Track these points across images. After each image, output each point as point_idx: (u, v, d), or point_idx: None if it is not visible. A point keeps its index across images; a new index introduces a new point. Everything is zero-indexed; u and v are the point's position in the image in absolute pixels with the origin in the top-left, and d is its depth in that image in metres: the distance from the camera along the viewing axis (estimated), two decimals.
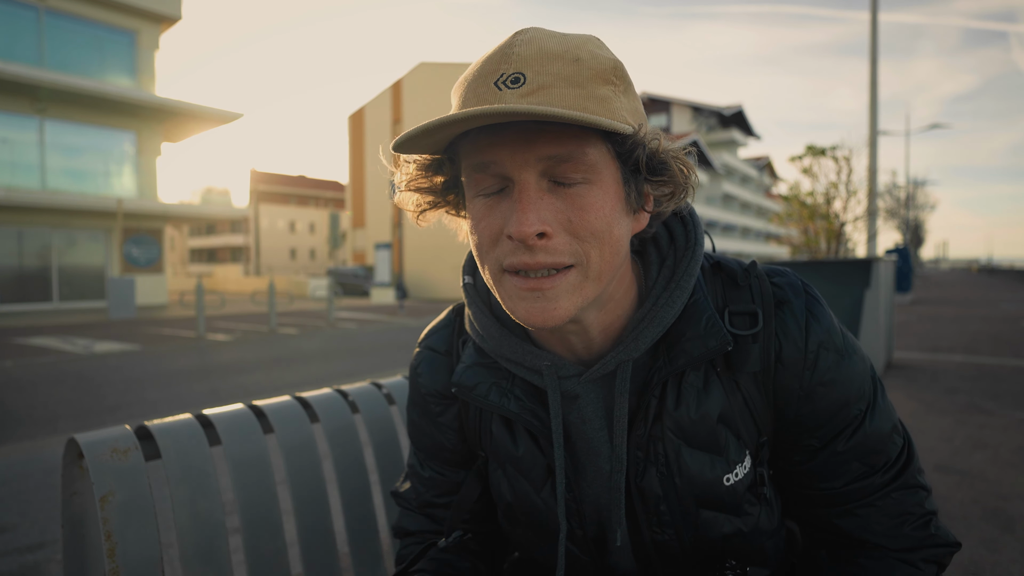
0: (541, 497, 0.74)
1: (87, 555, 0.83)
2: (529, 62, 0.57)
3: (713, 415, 0.67)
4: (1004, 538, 2.31)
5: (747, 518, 0.70)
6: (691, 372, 0.67)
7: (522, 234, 0.56)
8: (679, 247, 0.70)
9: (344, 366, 7.33)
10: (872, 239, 11.88)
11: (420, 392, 0.83)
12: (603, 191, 0.59)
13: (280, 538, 0.93)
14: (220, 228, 53.60)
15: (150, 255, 17.47)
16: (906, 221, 38.35)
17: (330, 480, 1.04)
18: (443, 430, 0.82)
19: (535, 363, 0.69)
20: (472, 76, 0.60)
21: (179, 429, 0.89)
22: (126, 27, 17.03)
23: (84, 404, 5.14)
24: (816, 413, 0.68)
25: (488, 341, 0.72)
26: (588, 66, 0.58)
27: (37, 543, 2.43)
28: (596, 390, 0.70)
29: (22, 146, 15.59)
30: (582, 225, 0.58)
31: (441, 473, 0.84)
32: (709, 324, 0.65)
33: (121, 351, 8.34)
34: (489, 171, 0.59)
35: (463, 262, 0.80)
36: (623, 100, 0.60)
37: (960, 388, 5.03)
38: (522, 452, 0.74)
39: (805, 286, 0.70)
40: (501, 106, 0.52)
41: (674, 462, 0.67)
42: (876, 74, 11.96)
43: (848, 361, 0.68)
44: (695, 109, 52.23)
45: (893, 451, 0.69)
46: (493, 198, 0.60)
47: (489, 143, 0.58)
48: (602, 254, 0.59)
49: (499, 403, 0.72)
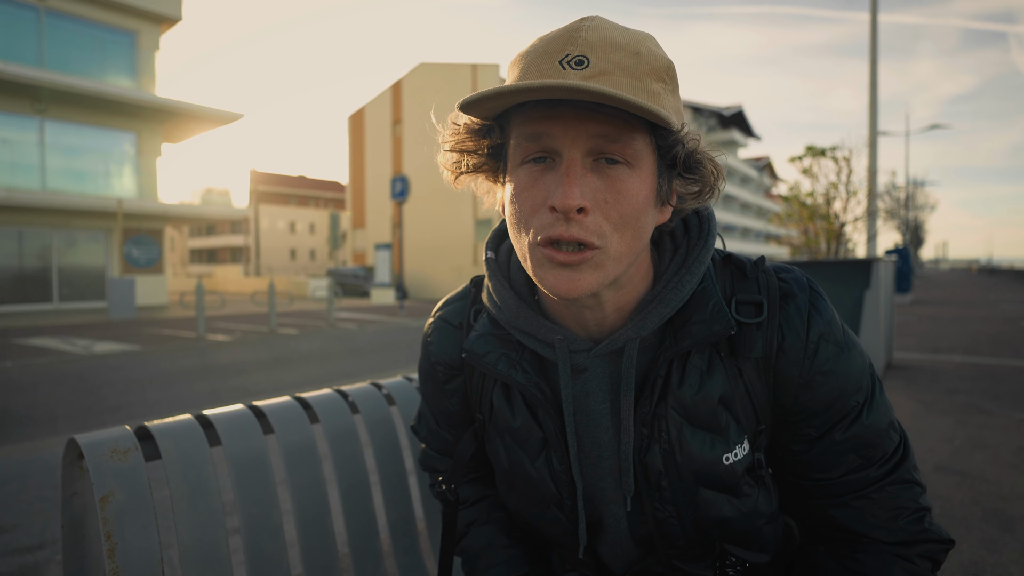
0: (535, 467, 0.77)
1: (87, 556, 0.83)
2: (594, 47, 0.60)
3: (715, 396, 0.69)
4: (1004, 539, 2.31)
5: (745, 500, 0.73)
6: (696, 354, 0.70)
7: (566, 206, 0.59)
8: (693, 237, 0.74)
9: (344, 366, 7.33)
10: (872, 240, 11.88)
11: (430, 360, 0.87)
12: (640, 178, 0.62)
13: (280, 538, 0.93)
14: (220, 228, 53.59)
15: (150, 255, 17.47)
16: (906, 222, 38.33)
17: (330, 481, 1.05)
18: (448, 396, 0.87)
19: (548, 336, 0.72)
20: (537, 51, 0.63)
21: (179, 430, 0.89)
22: (126, 28, 17.03)
23: (84, 404, 5.14)
24: (814, 402, 0.70)
25: (505, 312, 0.75)
26: (646, 61, 0.61)
27: (37, 544, 2.43)
28: (603, 365, 0.73)
29: (22, 146, 15.58)
30: (616, 207, 0.61)
31: (452, 434, 0.90)
32: (715, 309, 0.68)
33: (121, 352, 8.34)
34: (540, 142, 0.62)
35: (487, 238, 0.83)
36: (671, 99, 0.64)
37: (960, 388, 5.03)
38: (519, 424, 0.77)
39: (810, 282, 0.73)
40: (572, 82, 0.54)
41: (675, 439, 0.70)
42: (876, 74, 11.96)
43: (847, 354, 0.70)
44: (695, 110, 52.29)
45: (889, 446, 0.71)
46: (539, 171, 0.63)
47: (545, 115, 0.61)
48: (623, 238, 0.63)
49: (507, 372, 0.75)
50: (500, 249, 0.82)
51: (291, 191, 57.37)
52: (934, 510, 2.58)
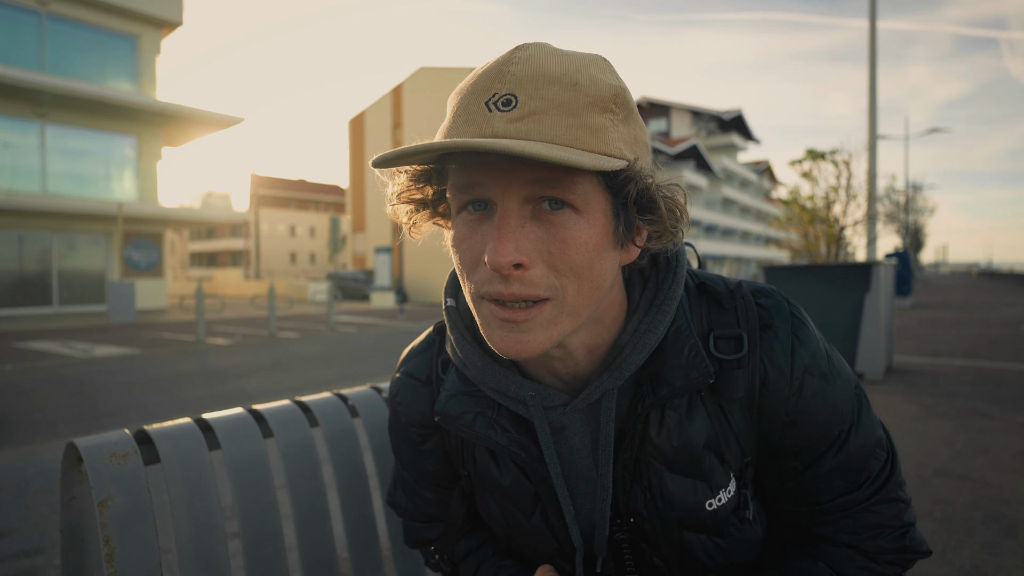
0: (532, 523, 0.74)
1: (85, 560, 0.82)
2: (524, 83, 0.54)
3: (695, 441, 0.67)
4: (1006, 543, 2.30)
5: (731, 539, 0.71)
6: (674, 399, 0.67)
7: (497, 264, 0.53)
8: (660, 269, 0.70)
9: (344, 370, 7.33)
10: (872, 243, 11.88)
11: (401, 422, 0.81)
12: (589, 223, 0.56)
13: (279, 543, 0.92)
14: (220, 232, 53.60)
15: (150, 259, 17.48)
16: (906, 225, 38.36)
17: (330, 485, 1.04)
18: (426, 456, 0.82)
19: (519, 393, 0.67)
20: (466, 90, 0.58)
21: (178, 433, 0.88)
22: (127, 32, 17.07)
23: (83, 408, 5.13)
24: (800, 438, 0.68)
25: (471, 369, 0.70)
26: (586, 92, 0.55)
27: (35, 548, 2.42)
28: (582, 419, 0.70)
29: (23, 150, 15.60)
30: (562, 258, 0.56)
31: (438, 495, 0.85)
32: (691, 354, 0.65)
33: (121, 355, 8.33)
34: (473, 192, 0.57)
35: (445, 283, 0.77)
36: (621, 129, 0.57)
37: (960, 392, 5.03)
38: (508, 483, 0.73)
39: (791, 307, 0.69)
40: (479, 140, 0.50)
41: (656, 486, 0.68)
42: (875, 78, 11.97)
43: (833, 384, 0.68)
44: (694, 114, 52.34)
45: (875, 467, 0.70)
46: (476, 219, 0.58)
47: (474, 163, 0.56)
48: (580, 289, 0.57)
49: (485, 434, 0.70)
50: (460, 295, 0.75)
51: (291, 195, 57.41)
52: (935, 514, 2.57)
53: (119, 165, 17.32)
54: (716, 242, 47.10)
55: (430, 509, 0.86)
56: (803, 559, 0.72)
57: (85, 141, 16.63)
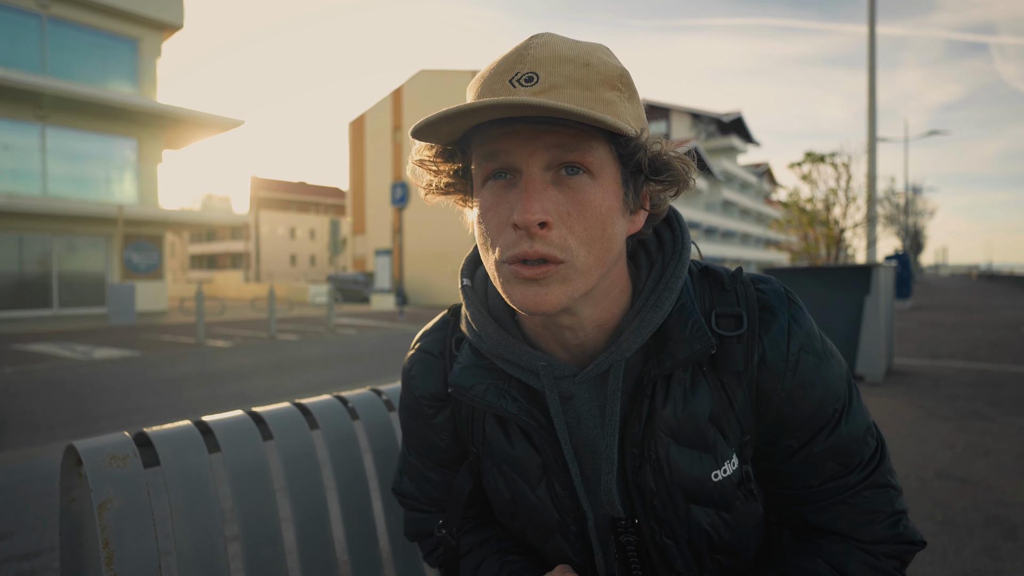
0: (536, 495, 0.76)
1: (85, 563, 0.82)
2: (543, 63, 0.61)
3: (700, 413, 0.70)
4: (1006, 545, 2.30)
5: (736, 514, 0.73)
6: (678, 372, 0.70)
7: (526, 221, 0.59)
8: (667, 251, 0.74)
9: (344, 372, 7.32)
10: (872, 245, 11.89)
11: (413, 395, 0.84)
12: (603, 188, 0.62)
13: (279, 546, 0.92)
14: (220, 234, 53.62)
15: (150, 261, 17.49)
16: (905, 227, 38.40)
17: (329, 487, 1.04)
18: (437, 431, 0.84)
19: (531, 363, 0.71)
20: (488, 73, 0.63)
21: (178, 436, 0.88)
22: (128, 35, 17.11)
23: (83, 410, 5.13)
24: (796, 414, 0.71)
25: (485, 341, 0.74)
26: (597, 71, 0.61)
27: (35, 551, 2.42)
28: (590, 390, 0.72)
29: (24, 152, 15.62)
30: (579, 220, 0.61)
31: (444, 477, 0.86)
32: (695, 328, 0.68)
33: (121, 357, 8.33)
34: (499, 160, 0.62)
35: (461, 265, 0.81)
36: (627, 105, 0.64)
37: (961, 394, 5.02)
38: (518, 452, 0.76)
39: (788, 293, 0.74)
40: (516, 98, 0.55)
41: (664, 459, 0.70)
42: (875, 81, 12.00)
43: (826, 364, 0.71)
44: (694, 116, 52.40)
45: (866, 452, 0.73)
46: (502, 187, 0.63)
47: (501, 133, 0.61)
48: (591, 250, 0.62)
49: (497, 403, 0.73)
50: (476, 276, 0.80)
51: (291, 197, 57.44)
52: (936, 516, 2.57)
53: (119, 167, 17.34)
54: (716, 244, 47.10)
55: (435, 493, 0.87)
56: (803, 557, 0.73)
57: (86, 143, 16.65)
